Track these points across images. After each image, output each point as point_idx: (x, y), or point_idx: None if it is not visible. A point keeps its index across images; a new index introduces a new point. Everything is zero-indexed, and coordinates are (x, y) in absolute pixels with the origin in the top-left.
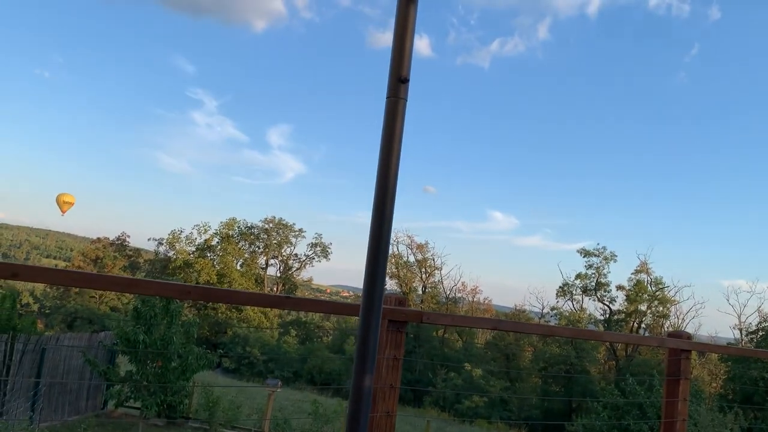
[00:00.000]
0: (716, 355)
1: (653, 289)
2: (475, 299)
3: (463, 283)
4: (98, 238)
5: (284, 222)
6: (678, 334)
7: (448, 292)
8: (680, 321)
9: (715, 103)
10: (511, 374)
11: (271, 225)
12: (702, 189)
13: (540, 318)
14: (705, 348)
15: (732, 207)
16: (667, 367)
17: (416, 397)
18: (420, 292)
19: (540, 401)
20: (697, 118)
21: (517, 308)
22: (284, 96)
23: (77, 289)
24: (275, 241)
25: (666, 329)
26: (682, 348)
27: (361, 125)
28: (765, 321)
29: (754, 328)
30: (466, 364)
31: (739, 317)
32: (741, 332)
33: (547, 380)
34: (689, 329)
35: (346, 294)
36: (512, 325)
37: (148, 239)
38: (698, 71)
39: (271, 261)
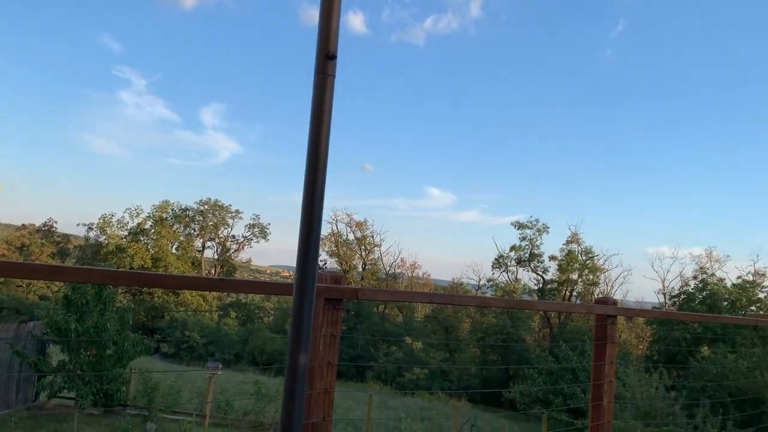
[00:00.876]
0: (643, 318)
1: (583, 258)
2: (414, 274)
3: (402, 259)
4: (23, 225)
5: (220, 203)
6: (604, 301)
7: (387, 269)
8: (609, 288)
9: (639, 79)
10: (451, 346)
11: (206, 207)
12: (628, 160)
13: (477, 290)
14: (629, 313)
15: (655, 177)
16: (595, 332)
17: (359, 372)
18: (360, 270)
19: (479, 370)
20: (624, 94)
21: (455, 281)
22: (217, 74)
23: (2, 279)
24: (211, 223)
25: (596, 296)
26: (608, 314)
27: (297, 103)
28: (686, 285)
29: (676, 292)
30: (406, 338)
31: (663, 282)
32: (665, 296)
33: (485, 350)
34: (618, 296)
35: (286, 274)
36: (447, 298)
37: (77, 224)
38: (624, 48)
39: (208, 243)
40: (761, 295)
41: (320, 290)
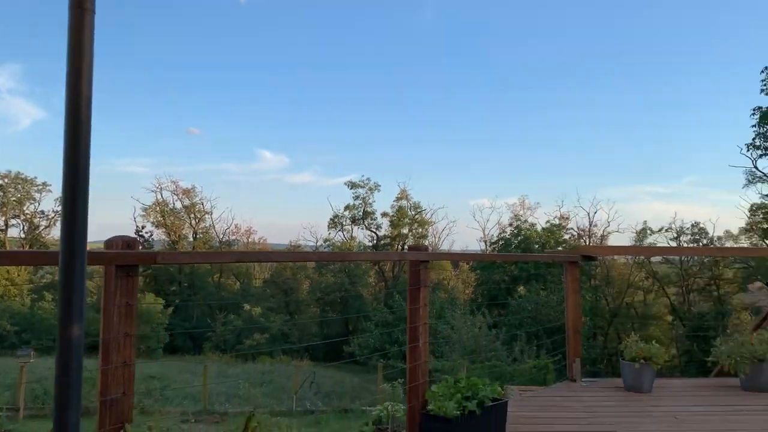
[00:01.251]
0: (467, 265)
1: (413, 213)
2: (250, 240)
3: (236, 225)
4: None
5: (23, 176)
6: (416, 247)
7: (221, 236)
8: (437, 239)
9: (457, 39)
10: (291, 308)
11: (6, 180)
12: (448, 118)
13: (315, 250)
14: (439, 257)
15: (473, 132)
16: (410, 278)
17: (196, 345)
18: (191, 239)
19: (319, 329)
20: (443, 54)
21: (293, 244)
22: (9, 31)
23: None
24: (14, 198)
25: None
26: (420, 259)
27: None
28: (503, 232)
29: (495, 238)
30: (245, 305)
31: (484, 231)
32: (486, 244)
33: (325, 308)
34: (445, 246)
35: None
36: (255, 255)
37: None
38: (443, 8)
39: (12, 221)
40: (566, 237)
41: (111, 257)
